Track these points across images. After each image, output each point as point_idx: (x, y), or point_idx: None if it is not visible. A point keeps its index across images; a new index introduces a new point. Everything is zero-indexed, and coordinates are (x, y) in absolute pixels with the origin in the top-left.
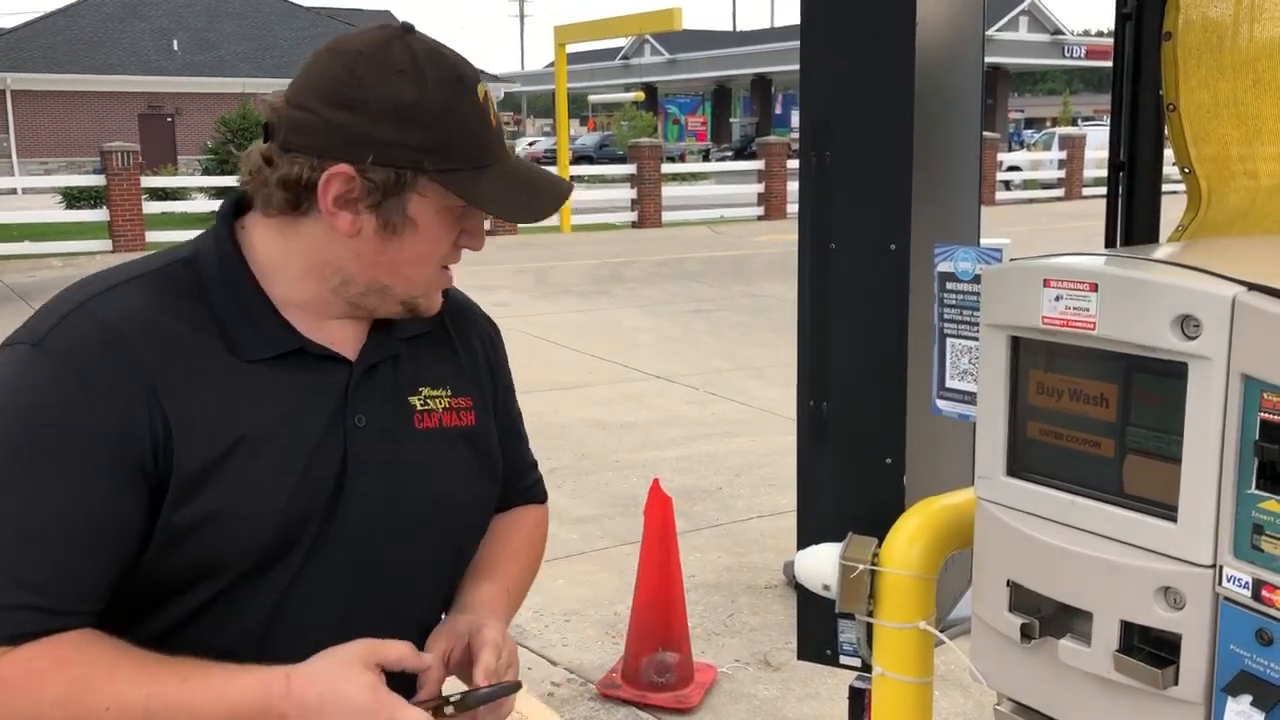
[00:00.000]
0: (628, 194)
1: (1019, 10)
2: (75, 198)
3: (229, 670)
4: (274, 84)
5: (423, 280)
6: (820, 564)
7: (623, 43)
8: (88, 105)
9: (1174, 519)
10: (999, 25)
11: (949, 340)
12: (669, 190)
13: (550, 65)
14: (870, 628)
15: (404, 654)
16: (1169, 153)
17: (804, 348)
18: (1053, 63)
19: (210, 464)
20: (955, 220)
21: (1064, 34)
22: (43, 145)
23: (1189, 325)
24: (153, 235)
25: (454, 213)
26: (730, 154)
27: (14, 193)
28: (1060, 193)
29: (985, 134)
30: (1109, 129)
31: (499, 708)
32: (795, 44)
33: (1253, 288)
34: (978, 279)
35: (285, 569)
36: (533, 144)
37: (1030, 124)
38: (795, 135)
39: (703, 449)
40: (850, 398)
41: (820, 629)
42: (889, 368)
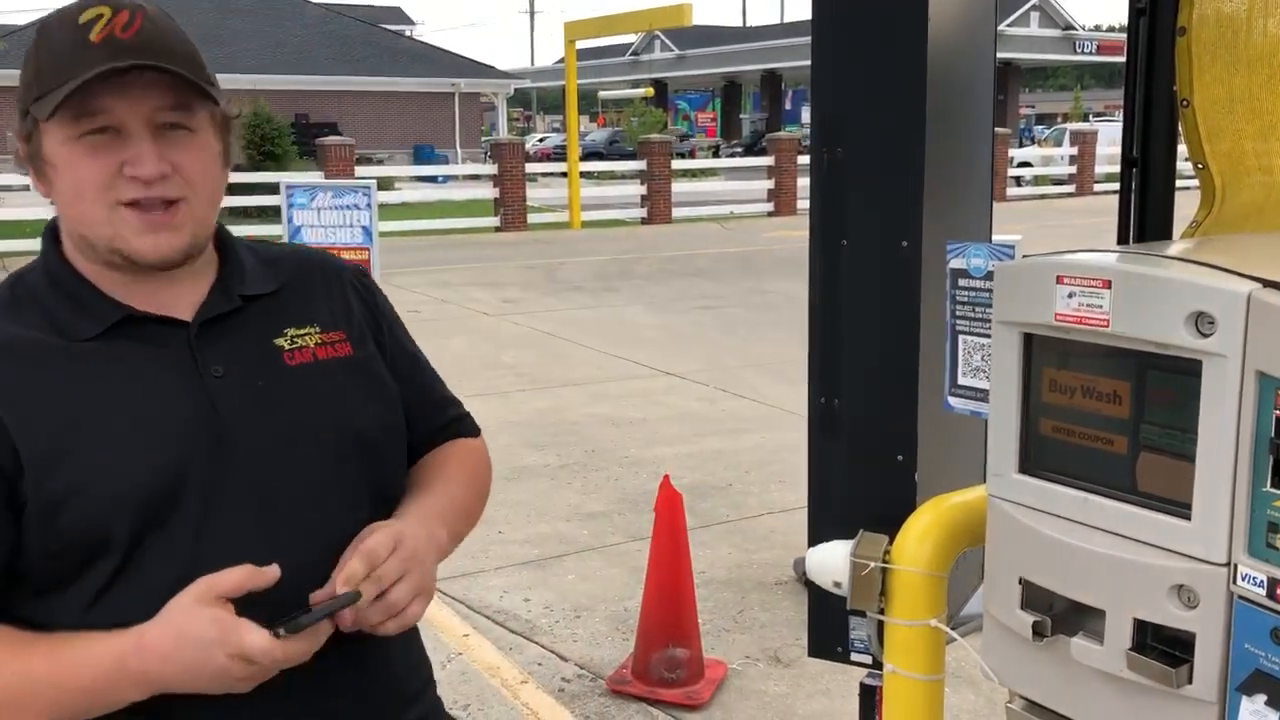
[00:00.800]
0: (637, 190)
1: (1030, 5)
2: None
3: (88, 638)
4: (285, 81)
5: (96, 218)
6: (831, 561)
7: (632, 39)
8: None
9: (1188, 517)
10: (1010, 20)
11: (961, 337)
12: (679, 186)
13: (560, 61)
14: (881, 625)
15: (240, 577)
16: (1182, 148)
17: (815, 344)
18: (1064, 58)
19: (54, 448)
20: (967, 217)
21: (1075, 29)
22: None
23: (1203, 322)
24: None
25: (86, 141)
26: (740, 150)
27: (25, 189)
28: (1071, 189)
29: (996, 130)
30: (1122, 124)
31: (384, 603)
32: (805, 40)
33: (1268, 284)
34: (990, 276)
35: (183, 526)
36: (543, 140)
37: (1041, 120)
38: (805, 131)
39: (712, 445)
40: (862, 394)
41: (831, 626)
42: (901, 364)
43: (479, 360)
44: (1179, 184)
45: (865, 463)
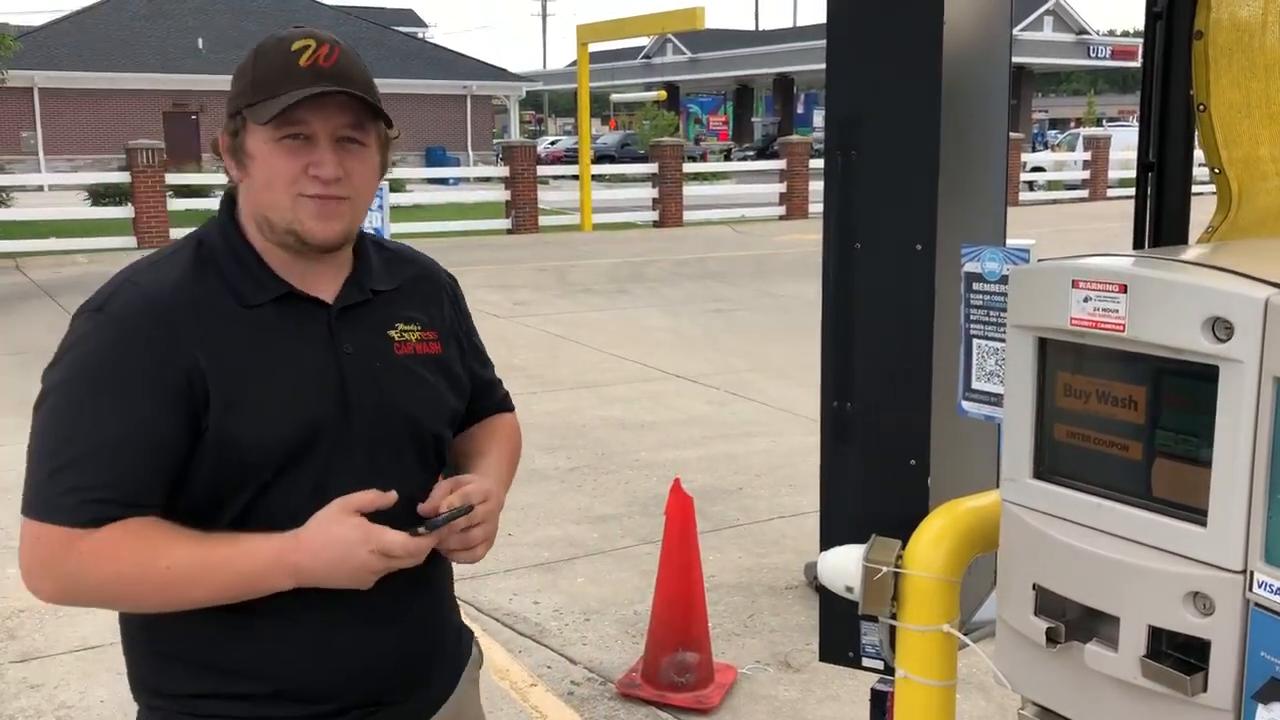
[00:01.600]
0: (649, 193)
1: (1043, 10)
2: (101, 195)
3: (254, 536)
4: None
5: (281, 204)
6: (843, 565)
7: (645, 42)
8: (113, 103)
9: (1203, 523)
10: (1023, 25)
11: (975, 341)
12: (690, 189)
13: (572, 64)
14: (893, 630)
15: (371, 497)
16: (1198, 153)
17: (828, 348)
18: (1077, 63)
19: (234, 388)
20: (982, 220)
21: (1089, 34)
22: (69, 143)
23: (1220, 327)
24: (176, 232)
25: (284, 144)
26: (752, 153)
27: (40, 189)
28: (1084, 194)
29: (1010, 134)
30: (1138, 129)
31: (465, 536)
32: (818, 43)
33: None
34: (1005, 279)
35: (311, 470)
36: (554, 142)
37: (1054, 125)
38: (817, 135)
39: (723, 449)
40: (874, 399)
41: (842, 631)
42: (914, 369)
43: None
44: (1195, 189)
45: (878, 467)
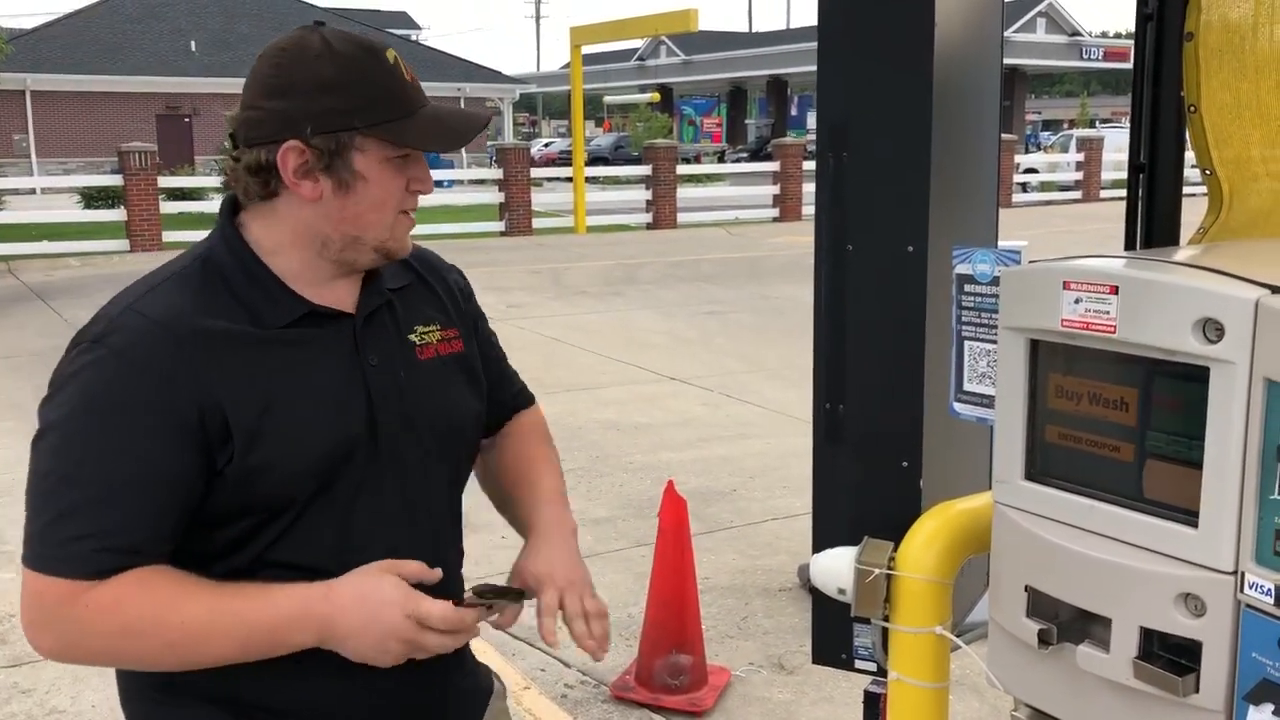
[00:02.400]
0: (643, 195)
1: (1036, 11)
2: (93, 198)
3: (278, 586)
4: None
5: (385, 224)
6: (836, 567)
7: (638, 44)
8: (106, 106)
9: (1195, 524)
10: (1016, 26)
11: (967, 343)
12: (684, 192)
13: (566, 66)
14: (886, 632)
15: (417, 569)
16: (1189, 155)
17: (820, 349)
18: (1070, 64)
19: (256, 420)
20: (973, 222)
21: (1081, 35)
22: (61, 145)
23: (1211, 329)
24: (170, 235)
25: (395, 162)
26: (746, 155)
27: (33, 192)
28: (1077, 195)
29: (1002, 136)
30: (1129, 130)
31: (592, 629)
32: (811, 45)
33: (1276, 290)
34: (996, 281)
35: (347, 488)
36: (548, 145)
37: (1047, 126)
38: (811, 137)
39: (717, 451)
40: (867, 400)
41: (835, 633)
42: (906, 370)
43: None
44: (1186, 190)
45: (870, 469)
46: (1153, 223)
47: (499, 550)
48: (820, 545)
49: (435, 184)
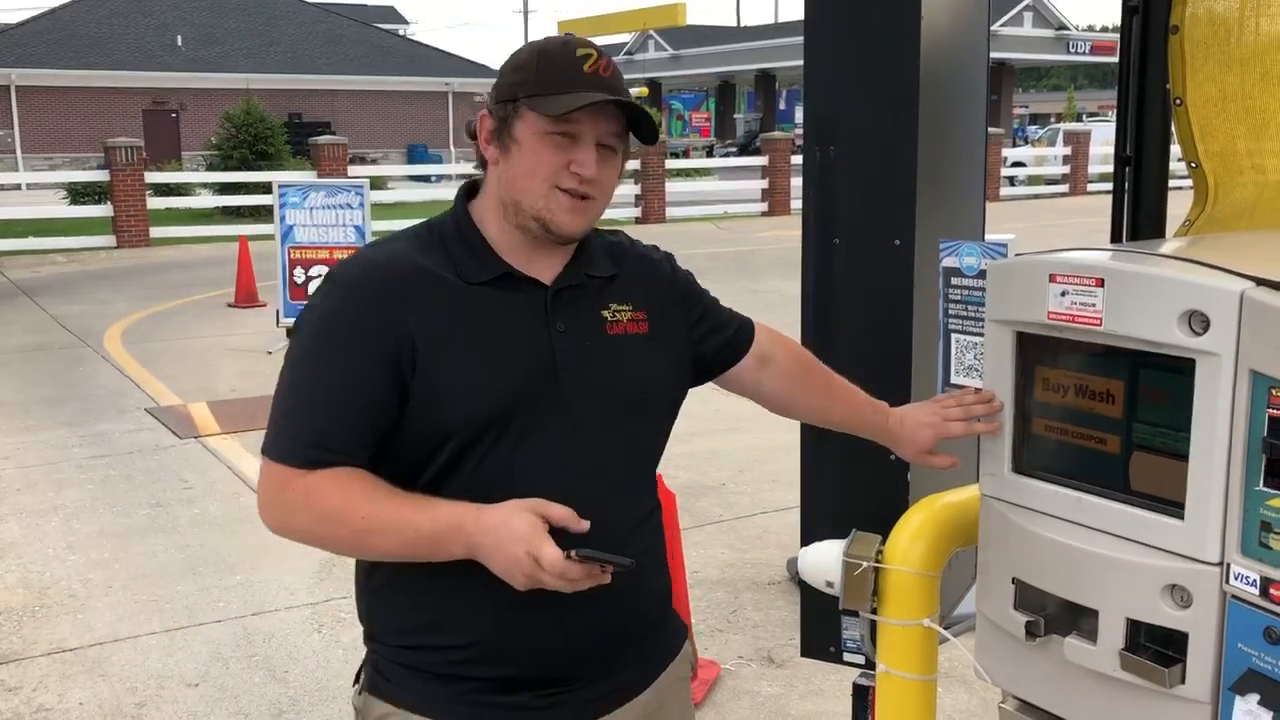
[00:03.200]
0: (632, 189)
1: (1023, 6)
2: (79, 193)
3: (443, 502)
4: (279, 80)
5: (537, 193)
6: (824, 560)
7: (626, 38)
8: (92, 101)
9: (1181, 516)
10: (1003, 20)
11: (954, 336)
12: (673, 186)
13: None
14: (874, 625)
15: (564, 514)
16: (1175, 148)
17: (808, 342)
18: (1057, 58)
19: (440, 354)
20: (960, 216)
21: (1068, 29)
22: (47, 141)
23: (1196, 321)
24: (157, 231)
25: (555, 139)
26: (735, 150)
27: (18, 188)
28: (1065, 189)
29: (990, 130)
30: (1115, 123)
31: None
32: (799, 40)
33: (1261, 283)
34: (983, 274)
35: (506, 440)
36: None
37: (1035, 120)
38: (799, 131)
39: (706, 445)
40: None
41: (824, 626)
42: (893, 363)
43: None
44: (1172, 183)
45: (858, 462)
46: (1139, 215)
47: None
48: (809, 539)
49: (423, 179)
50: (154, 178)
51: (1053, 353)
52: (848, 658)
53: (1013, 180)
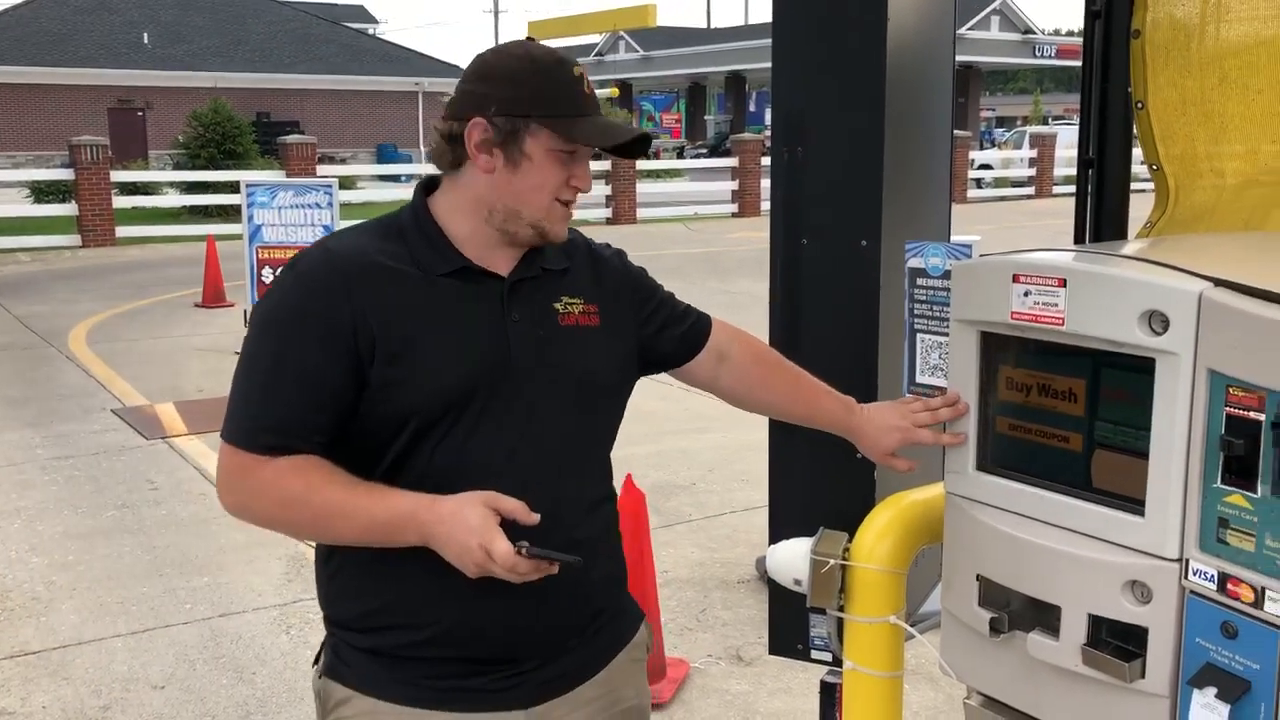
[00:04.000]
0: (602, 190)
1: (990, 9)
2: (44, 192)
3: (400, 491)
4: (247, 79)
5: (541, 205)
6: (791, 559)
7: (597, 39)
8: (56, 98)
9: (1141, 513)
10: (970, 24)
11: (919, 335)
12: (643, 187)
13: None
14: (841, 622)
15: (516, 507)
16: (1138, 151)
17: (775, 341)
18: (1024, 62)
19: (399, 344)
20: (926, 217)
21: (1035, 33)
22: (10, 139)
23: (1156, 321)
24: (123, 230)
25: (560, 156)
26: (705, 151)
27: None
28: (1031, 191)
29: (957, 132)
30: (1078, 126)
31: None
32: (768, 42)
33: (1219, 283)
34: (948, 275)
35: (470, 417)
36: None
37: (1001, 123)
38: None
39: (676, 445)
40: None
41: (791, 624)
42: (860, 363)
43: None
44: (1136, 186)
45: (825, 461)
46: (1102, 217)
47: None
48: (776, 537)
49: (392, 178)
50: (120, 176)
51: (1016, 352)
52: (815, 655)
53: (980, 182)
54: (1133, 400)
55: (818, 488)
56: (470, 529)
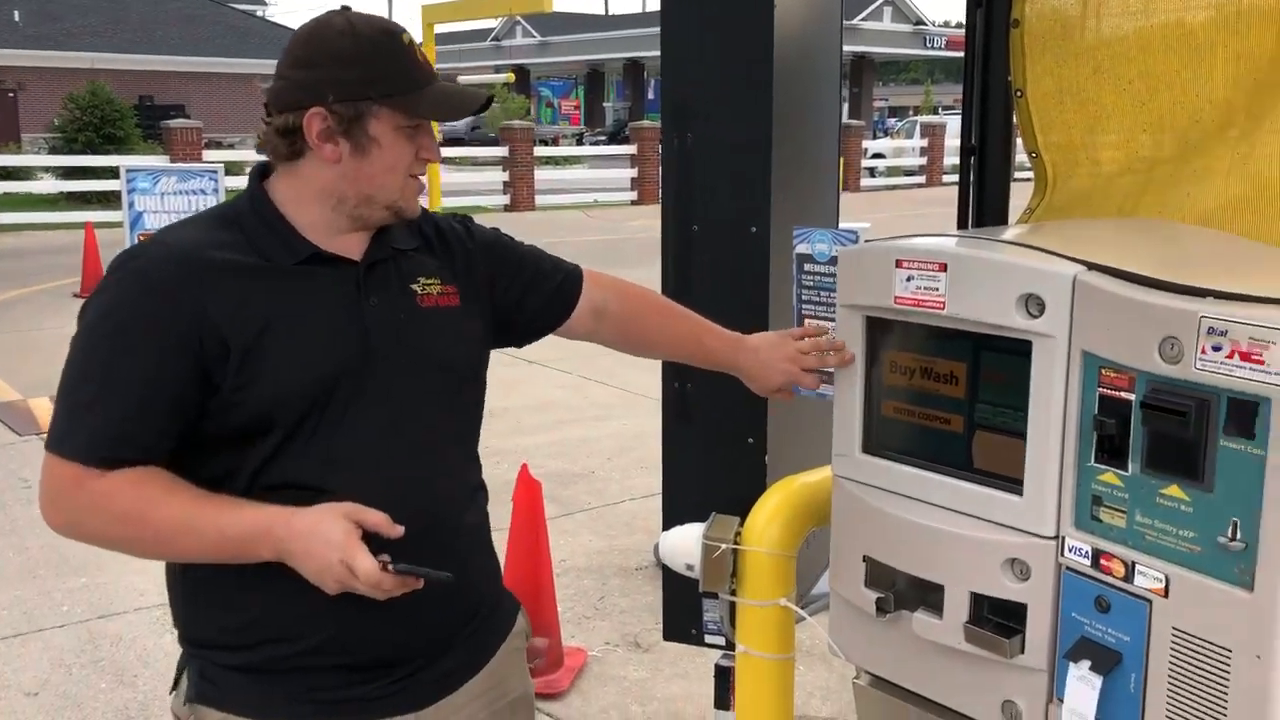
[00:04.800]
0: (500, 177)
1: (882, 1)
2: None
3: (252, 504)
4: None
5: (396, 186)
6: (684, 544)
7: (494, 24)
8: None
9: (1020, 492)
10: (863, 15)
11: (807, 320)
12: (542, 174)
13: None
14: (733, 606)
15: (379, 520)
16: (1020, 139)
17: None
18: (915, 53)
19: (253, 340)
20: (815, 204)
21: (925, 24)
22: None
23: (1033, 304)
24: None
25: (406, 131)
26: (604, 138)
27: None
28: (922, 180)
29: (850, 122)
30: (961, 114)
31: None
32: None
33: (1092, 267)
34: (834, 261)
35: (337, 412)
36: None
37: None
38: None
39: (575, 433)
40: (712, 379)
41: (685, 609)
42: None
43: None
44: (1019, 174)
45: (717, 446)
46: (983, 203)
47: None
48: (671, 523)
49: None
50: None
51: (900, 336)
52: (709, 639)
53: (873, 171)
54: (1011, 382)
55: (710, 473)
56: (330, 544)
